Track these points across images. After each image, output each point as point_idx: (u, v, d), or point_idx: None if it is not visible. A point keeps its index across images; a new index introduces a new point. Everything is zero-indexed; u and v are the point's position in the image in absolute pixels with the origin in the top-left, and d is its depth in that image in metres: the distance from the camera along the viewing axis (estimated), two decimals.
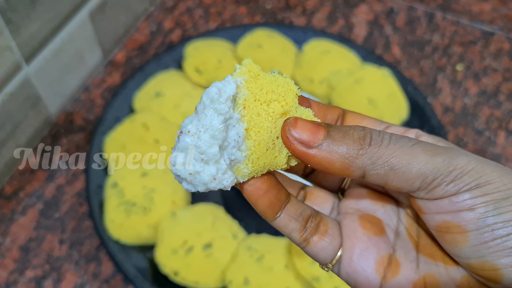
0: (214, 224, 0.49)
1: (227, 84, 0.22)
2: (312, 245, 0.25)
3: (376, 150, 0.21)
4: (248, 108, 0.23)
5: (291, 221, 0.24)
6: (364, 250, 0.24)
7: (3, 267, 0.49)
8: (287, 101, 0.23)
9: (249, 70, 0.23)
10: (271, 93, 0.23)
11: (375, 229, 0.25)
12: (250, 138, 0.23)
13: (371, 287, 0.24)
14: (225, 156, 0.22)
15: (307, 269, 0.46)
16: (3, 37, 0.47)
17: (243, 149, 0.22)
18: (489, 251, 0.20)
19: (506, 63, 0.67)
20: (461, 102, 0.64)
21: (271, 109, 0.23)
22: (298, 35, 0.66)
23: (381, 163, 0.21)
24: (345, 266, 0.24)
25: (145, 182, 0.51)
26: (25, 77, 0.52)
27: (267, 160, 0.23)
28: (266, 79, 0.23)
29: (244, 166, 0.23)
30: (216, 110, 0.22)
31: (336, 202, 0.28)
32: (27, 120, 0.55)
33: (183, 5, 0.73)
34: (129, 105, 0.59)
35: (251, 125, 0.23)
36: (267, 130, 0.23)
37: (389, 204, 0.27)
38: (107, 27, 0.63)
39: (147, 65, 0.62)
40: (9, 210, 0.53)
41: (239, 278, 0.46)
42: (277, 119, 0.23)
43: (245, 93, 0.23)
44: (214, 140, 0.22)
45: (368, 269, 0.24)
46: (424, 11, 0.73)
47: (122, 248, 0.49)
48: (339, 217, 0.26)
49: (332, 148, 0.22)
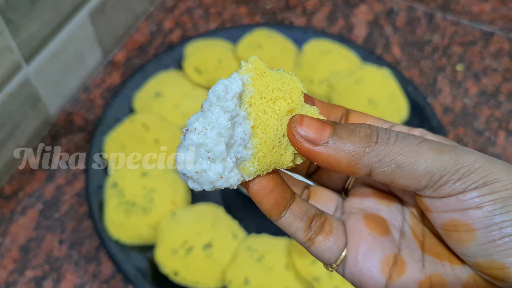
0: (214, 224, 0.49)
1: (233, 81, 0.22)
2: (317, 244, 0.24)
3: (382, 148, 0.21)
4: (254, 105, 0.22)
5: (296, 220, 0.24)
6: (369, 249, 0.24)
7: (2, 268, 0.49)
8: (293, 98, 0.23)
9: (255, 68, 0.23)
10: (277, 91, 0.23)
11: (380, 228, 0.25)
12: (256, 136, 0.22)
13: (377, 287, 0.24)
14: (232, 154, 0.22)
15: (307, 269, 0.46)
16: (3, 37, 0.47)
17: (249, 147, 0.22)
18: (496, 250, 0.20)
19: (506, 63, 0.67)
20: (461, 102, 0.64)
21: (277, 106, 0.23)
22: (298, 35, 0.66)
23: (388, 160, 0.21)
24: (350, 266, 0.24)
25: (145, 182, 0.51)
26: (25, 77, 0.52)
27: (273, 158, 0.23)
28: (272, 77, 0.23)
29: (250, 164, 0.22)
30: (223, 107, 0.21)
31: (340, 201, 0.28)
32: (27, 120, 0.55)
33: (183, 5, 0.73)
34: (129, 105, 0.59)
35: (257, 123, 0.22)
36: (273, 128, 0.23)
37: (393, 203, 0.27)
38: (107, 27, 0.63)
39: (147, 65, 0.62)
40: (8, 210, 0.53)
41: (239, 278, 0.46)
42: (283, 117, 0.23)
43: (251, 90, 0.22)
44: (220, 138, 0.21)
45: (374, 269, 0.24)
46: (424, 11, 0.73)
47: (122, 248, 0.49)
48: (343, 216, 0.26)
49: (338, 146, 0.21)
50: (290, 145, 0.23)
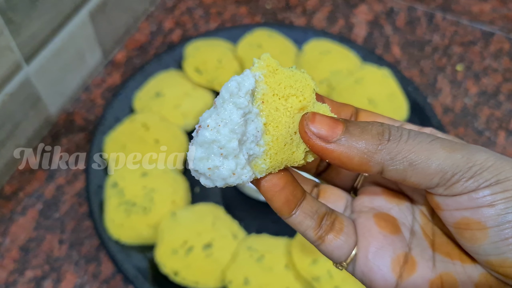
0: (214, 224, 0.49)
1: (246, 78, 0.22)
2: (327, 243, 0.24)
3: (395, 146, 0.21)
4: (267, 102, 0.22)
5: (307, 218, 0.24)
6: (380, 248, 0.24)
7: (2, 268, 0.49)
8: (305, 96, 0.23)
9: (267, 65, 0.23)
10: (289, 88, 0.23)
11: (391, 227, 0.25)
12: (269, 133, 0.22)
13: (387, 286, 0.24)
14: (244, 151, 0.22)
15: (307, 269, 0.46)
16: (3, 37, 0.47)
17: (261, 144, 0.22)
18: (509, 248, 0.20)
19: (506, 63, 0.67)
20: (461, 102, 0.64)
21: (289, 104, 0.23)
22: (298, 35, 0.66)
23: (400, 158, 0.21)
24: (361, 264, 0.24)
25: (145, 182, 0.51)
26: (25, 77, 0.52)
27: (284, 156, 0.23)
28: (284, 74, 0.23)
29: (262, 161, 0.22)
30: (236, 104, 0.21)
31: (349, 200, 0.28)
32: (27, 120, 0.55)
33: (183, 5, 0.73)
34: (129, 105, 0.60)
35: (270, 120, 0.22)
36: (285, 125, 0.23)
37: (403, 202, 0.27)
38: (108, 27, 0.63)
39: (147, 65, 0.62)
40: (8, 210, 0.53)
41: (239, 278, 0.46)
42: (295, 114, 0.23)
43: (264, 87, 0.22)
44: (233, 135, 0.21)
45: (384, 267, 0.24)
46: (424, 11, 0.73)
47: (122, 248, 0.49)
48: (353, 215, 0.26)
49: (350, 143, 0.21)
50: (301, 142, 0.23)
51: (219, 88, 0.60)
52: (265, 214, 0.53)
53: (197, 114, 0.58)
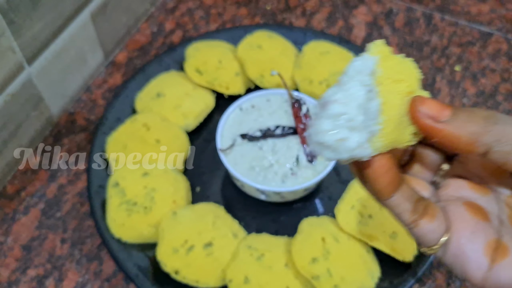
0: (215, 224, 0.49)
1: (366, 60, 0.23)
2: (421, 226, 0.25)
3: (502, 129, 0.22)
4: (382, 84, 0.24)
5: (404, 201, 0.25)
6: (473, 233, 0.25)
7: (5, 266, 0.50)
8: (412, 82, 0.24)
9: (381, 50, 0.24)
10: (399, 74, 0.24)
11: (481, 215, 0.26)
12: (384, 113, 0.23)
13: (480, 269, 0.24)
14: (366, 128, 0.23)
15: (306, 268, 0.46)
16: (5, 38, 0.47)
17: (379, 122, 0.23)
18: None
19: (504, 64, 0.68)
20: (459, 103, 0.64)
21: (400, 87, 0.24)
22: (298, 36, 0.66)
23: (506, 140, 0.22)
24: (453, 248, 0.25)
25: (146, 182, 0.52)
26: (27, 78, 0.52)
27: (394, 136, 0.24)
28: (395, 60, 0.24)
29: (377, 139, 0.23)
30: (361, 81, 0.23)
31: (432, 191, 0.28)
32: (29, 120, 0.55)
33: (184, 6, 0.73)
34: (130, 105, 0.60)
35: (385, 101, 0.23)
36: (397, 107, 0.24)
37: (488, 193, 0.27)
38: (109, 28, 0.64)
39: (148, 66, 0.63)
40: (11, 210, 0.53)
41: (239, 276, 0.46)
42: (404, 98, 0.24)
43: (379, 70, 0.24)
44: (360, 109, 0.23)
45: (478, 251, 0.25)
46: (422, 12, 0.73)
47: (123, 247, 0.49)
48: (441, 204, 0.27)
49: (459, 124, 0.23)
50: (408, 125, 0.24)
51: (219, 88, 0.60)
52: (265, 213, 0.54)
53: (198, 115, 0.58)
